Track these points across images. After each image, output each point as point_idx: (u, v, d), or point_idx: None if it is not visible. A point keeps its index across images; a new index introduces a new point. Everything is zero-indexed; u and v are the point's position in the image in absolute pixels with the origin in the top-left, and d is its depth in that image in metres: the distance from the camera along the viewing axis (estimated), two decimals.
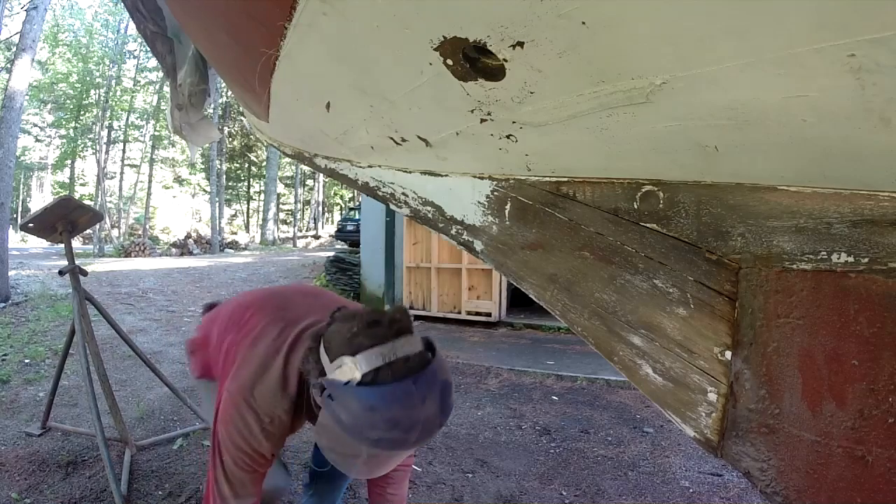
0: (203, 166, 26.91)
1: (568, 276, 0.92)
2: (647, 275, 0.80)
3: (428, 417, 0.84)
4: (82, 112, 22.83)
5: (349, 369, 0.85)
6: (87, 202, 2.84)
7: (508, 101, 0.70)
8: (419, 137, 1.01)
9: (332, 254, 10.40)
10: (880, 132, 0.47)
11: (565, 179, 0.91)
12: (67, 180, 26.83)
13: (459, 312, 6.45)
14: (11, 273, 7.02)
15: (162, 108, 22.11)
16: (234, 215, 34.07)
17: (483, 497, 2.26)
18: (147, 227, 24.71)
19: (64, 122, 23.50)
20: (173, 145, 26.44)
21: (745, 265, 0.70)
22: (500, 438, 2.94)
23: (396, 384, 0.83)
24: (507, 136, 0.82)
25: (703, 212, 0.73)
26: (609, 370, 3.92)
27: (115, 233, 23.40)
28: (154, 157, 26.41)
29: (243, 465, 1.07)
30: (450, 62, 0.66)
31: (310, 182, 31.41)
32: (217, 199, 20.40)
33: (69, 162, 25.56)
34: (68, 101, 22.52)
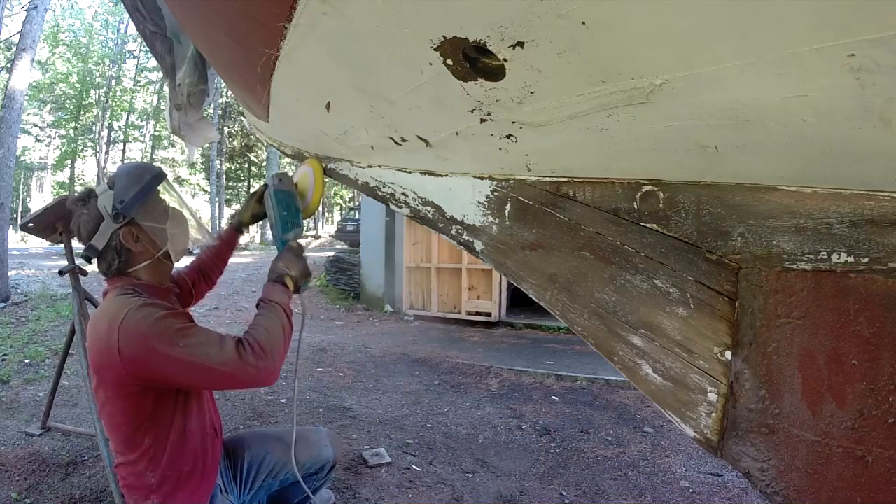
0: (203, 166, 26.89)
1: (568, 276, 0.92)
2: (647, 275, 0.80)
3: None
4: (82, 112, 22.86)
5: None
6: None
7: (508, 101, 0.70)
8: (419, 137, 1.01)
9: (332, 254, 10.40)
10: (880, 132, 0.46)
11: (565, 179, 0.91)
12: (67, 180, 26.81)
13: (459, 312, 6.45)
14: (11, 273, 7.01)
15: (162, 108, 22.14)
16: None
17: (483, 497, 2.26)
18: None
19: (64, 122, 23.52)
20: (173, 145, 26.44)
21: (745, 265, 0.70)
22: (500, 438, 2.94)
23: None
24: (507, 136, 0.82)
25: (703, 212, 0.73)
26: (609, 370, 3.93)
27: None
28: (154, 157, 26.42)
29: (181, 324, 1.09)
30: (450, 62, 0.66)
31: None
32: (217, 199, 20.39)
33: (69, 162, 25.56)
34: (68, 101, 22.53)
